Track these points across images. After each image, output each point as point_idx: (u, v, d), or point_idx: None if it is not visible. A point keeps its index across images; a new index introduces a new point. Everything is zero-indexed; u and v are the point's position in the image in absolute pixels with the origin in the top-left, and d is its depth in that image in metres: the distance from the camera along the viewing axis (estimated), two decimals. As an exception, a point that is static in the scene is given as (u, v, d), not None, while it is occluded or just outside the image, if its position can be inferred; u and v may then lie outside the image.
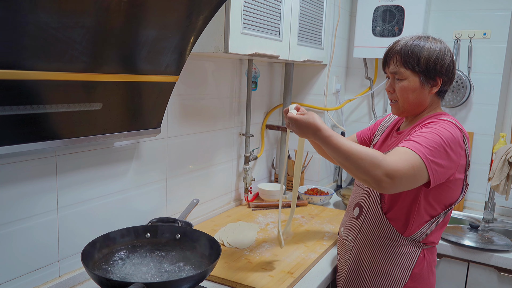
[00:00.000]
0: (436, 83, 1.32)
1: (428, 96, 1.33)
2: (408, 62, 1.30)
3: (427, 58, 1.29)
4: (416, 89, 1.32)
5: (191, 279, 1.12)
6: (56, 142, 1.13)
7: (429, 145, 1.17)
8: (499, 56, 2.34)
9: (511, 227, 2.27)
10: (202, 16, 1.25)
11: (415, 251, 1.34)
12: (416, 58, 1.29)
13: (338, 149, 1.15)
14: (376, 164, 1.09)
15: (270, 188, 2.27)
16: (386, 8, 2.42)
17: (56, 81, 1.03)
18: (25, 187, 1.18)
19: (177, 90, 1.66)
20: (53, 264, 1.28)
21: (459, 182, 1.31)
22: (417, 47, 1.30)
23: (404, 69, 1.32)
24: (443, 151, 1.18)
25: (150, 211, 1.64)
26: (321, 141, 1.20)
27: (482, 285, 1.92)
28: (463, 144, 1.25)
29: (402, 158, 1.13)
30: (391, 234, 1.35)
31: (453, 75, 1.34)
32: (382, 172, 1.09)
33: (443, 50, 1.30)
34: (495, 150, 2.34)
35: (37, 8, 0.88)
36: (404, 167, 1.12)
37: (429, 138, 1.19)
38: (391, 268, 1.35)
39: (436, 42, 1.32)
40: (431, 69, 1.29)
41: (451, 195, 1.32)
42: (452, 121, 1.27)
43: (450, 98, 2.42)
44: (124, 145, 1.48)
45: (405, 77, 1.32)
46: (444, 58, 1.30)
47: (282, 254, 1.59)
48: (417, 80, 1.31)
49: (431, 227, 1.33)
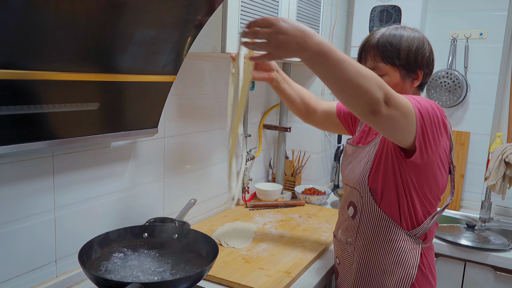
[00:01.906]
0: (417, 76, 1.26)
1: (410, 90, 1.28)
2: (387, 56, 1.23)
3: (407, 51, 1.22)
4: (397, 84, 1.25)
5: (188, 279, 1.12)
6: (53, 142, 1.12)
7: (422, 103, 1.10)
8: (495, 56, 2.35)
9: (507, 226, 2.28)
10: (200, 16, 1.25)
11: (416, 248, 1.28)
12: (396, 51, 1.22)
13: (347, 65, 0.92)
14: (381, 85, 0.96)
15: (267, 188, 2.27)
16: (383, 8, 2.42)
17: (52, 81, 1.03)
18: (22, 187, 1.17)
19: (175, 90, 1.66)
20: (50, 264, 1.28)
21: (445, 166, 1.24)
22: (395, 39, 1.22)
23: (383, 64, 1.24)
24: (432, 119, 1.11)
25: (147, 211, 1.63)
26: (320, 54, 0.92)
27: (478, 284, 1.93)
28: (446, 122, 1.18)
29: (399, 95, 1.03)
30: (390, 228, 1.27)
31: (433, 66, 1.29)
32: (383, 93, 0.96)
33: (421, 40, 1.24)
34: (491, 150, 2.34)
35: (34, 8, 0.87)
36: (401, 100, 1.02)
37: (420, 99, 1.12)
38: (397, 266, 1.28)
39: (413, 32, 1.26)
40: (412, 62, 1.23)
41: (440, 176, 1.24)
42: (435, 103, 1.19)
43: (446, 98, 2.43)
44: (121, 145, 1.48)
45: (385, 73, 1.24)
46: (424, 48, 1.24)
47: (280, 253, 1.59)
48: (398, 74, 1.24)
49: (432, 222, 1.27)
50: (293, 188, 2.43)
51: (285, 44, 0.91)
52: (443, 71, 2.44)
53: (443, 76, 2.43)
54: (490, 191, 2.24)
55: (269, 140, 2.50)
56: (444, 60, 2.47)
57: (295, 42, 0.91)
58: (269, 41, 0.93)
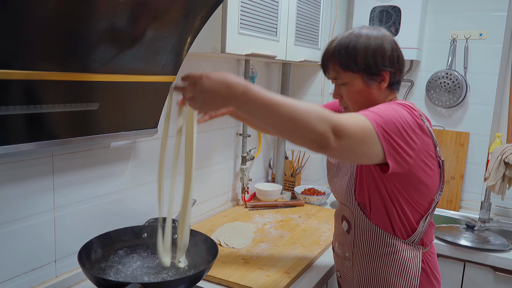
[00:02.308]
0: (383, 78, 1.19)
1: (379, 93, 1.21)
2: (346, 64, 1.18)
3: (364, 54, 1.16)
4: (363, 90, 1.20)
5: (188, 279, 1.12)
6: (52, 142, 1.12)
7: (384, 115, 1.04)
8: (495, 57, 2.35)
9: (507, 227, 2.29)
10: (199, 16, 1.25)
11: (417, 255, 1.24)
12: (352, 57, 1.17)
13: (277, 108, 0.91)
14: (324, 118, 0.93)
15: (267, 188, 2.27)
16: (382, 9, 2.42)
17: (52, 81, 1.03)
18: (21, 187, 1.17)
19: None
20: (49, 264, 1.28)
21: (434, 163, 1.19)
22: (351, 45, 1.17)
23: (344, 72, 1.20)
24: (399, 128, 1.06)
25: (147, 211, 1.63)
26: (247, 102, 0.92)
27: (478, 285, 1.93)
28: (421, 121, 1.12)
29: (351, 119, 0.99)
30: (385, 240, 1.24)
31: (400, 64, 1.22)
32: (329, 126, 0.93)
33: (380, 40, 1.17)
34: (491, 150, 2.35)
35: (34, 8, 0.87)
36: (352, 126, 0.97)
37: (383, 109, 1.07)
38: (398, 279, 1.24)
39: (372, 31, 1.20)
40: (372, 64, 1.17)
41: (427, 178, 1.19)
42: (408, 104, 1.15)
43: (446, 98, 2.43)
44: (121, 145, 1.48)
45: (347, 81, 1.20)
46: (383, 48, 1.17)
47: (279, 254, 1.59)
48: (360, 80, 1.19)
49: (425, 224, 1.24)
50: (292, 189, 2.43)
51: (210, 100, 0.93)
52: (443, 72, 2.44)
53: (443, 77, 2.44)
54: (490, 192, 2.24)
55: (268, 141, 2.50)
56: (444, 61, 2.48)
57: (220, 96, 0.92)
58: (195, 97, 0.95)
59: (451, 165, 2.48)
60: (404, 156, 1.08)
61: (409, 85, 2.59)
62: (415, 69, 2.58)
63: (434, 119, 2.55)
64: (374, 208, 1.24)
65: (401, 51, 1.23)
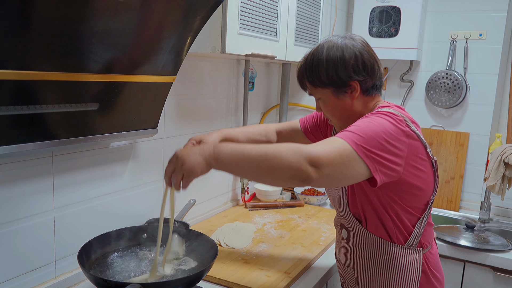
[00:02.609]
0: (353, 87, 1.18)
1: (354, 102, 1.20)
2: (312, 82, 1.21)
3: (326, 70, 1.17)
4: (335, 102, 1.21)
5: (187, 280, 1.12)
6: (52, 142, 1.12)
7: (362, 132, 1.04)
8: (495, 57, 2.35)
9: (506, 227, 2.29)
10: (199, 17, 1.25)
11: (417, 259, 1.23)
12: (316, 75, 1.19)
13: (248, 154, 0.98)
14: (296, 152, 0.96)
15: (267, 188, 2.27)
16: (382, 9, 2.42)
17: (52, 81, 1.03)
18: (21, 188, 1.17)
19: (174, 90, 1.66)
20: (49, 265, 1.28)
21: (426, 165, 1.17)
22: (315, 62, 1.19)
23: (315, 89, 1.22)
24: (381, 141, 1.04)
25: (147, 212, 1.63)
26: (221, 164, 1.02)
27: (478, 285, 1.93)
28: (405, 127, 1.10)
29: (327, 145, 1.00)
30: (384, 248, 1.24)
31: (370, 69, 1.18)
32: (305, 159, 0.95)
33: (340, 51, 1.16)
34: (491, 151, 2.34)
35: (34, 8, 0.87)
36: (329, 153, 0.98)
37: (362, 125, 1.06)
38: (399, 284, 1.23)
39: (336, 41, 1.19)
40: (336, 78, 1.17)
41: (421, 181, 1.17)
42: (391, 111, 1.13)
43: (446, 98, 2.44)
44: (120, 145, 1.48)
45: (320, 96, 1.23)
46: (344, 60, 1.16)
47: (279, 254, 1.59)
48: (330, 94, 1.20)
49: (421, 226, 1.23)
50: (292, 189, 2.43)
51: (192, 172, 1.02)
52: (443, 72, 2.44)
53: (443, 77, 2.44)
54: (490, 192, 2.24)
55: (268, 141, 2.50)
56: (444, 61, 2.48)
57: (199, 169, 1.02)
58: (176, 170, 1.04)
59: (450, 165, 2.48)
60: (391, 166, 1.07)
61: (409, 85, 2.59)
62: (415, 70, 2.58)
63: (434, 119, 2.55)
64: (369, 219, 1.24)
65: (370, 54, 1.19)
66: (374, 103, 1.23)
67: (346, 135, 1.04)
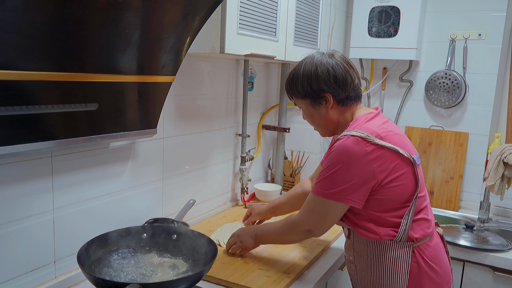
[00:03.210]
0: (327, 99, 1.33)
1: (329, 112, 1.36)
2: (292, 93, 1.39)
3: (302, 84, 1.34)
4: (313, 112, 1.38)
5: (187, 280, 1.12)
6: (52, 142, 1.12)
7: (325, 178, 1.26)
8: (494, 57, 2.35)
9: (506, 227, 2.29)
10: (198, 17, 1.25)
11: (407, 252, 1.29)
12: (295, 88, 1.37)
13: (272, 242, 1.52)
14: (292, 231, 1.38)
15: (266, 188, 2.27)
16: (382, 9, 2.42)
17: (52, 81, 1.03)
18: (21, 188, 1.17)
19: (174, 90, 1.66)
20: (49, 265, 1.28)
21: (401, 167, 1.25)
22: (294, 76, 1.36)
23: (296, 99, 1.40)
24: (341, 175, 1.23)
25: (146, 212, 1.63)
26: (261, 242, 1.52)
27: (477, 285, 1.93)
28: (369, 146, 1.21)
29: (304, 209, 1.33)
30: (375, 246, 1.31)
31: (342, 83, 1.31)
32: (301, 232, 1.35)
33: (315, 67, 1.32)
34: (490, 150, 2.35)
35: (32, 8, 0.87)
36: (307, 216, 1.31)
37: (325, 171, 1.26)
38: (390, 277, 1.30)
39: (314, 58, 1.34)
40: (310, 91, 1.33)
41: (405, 184, 1.26)
42: (352, 134, 1.23)
43: (445, 98, 2.44)
44: (120, 146, 1.48)
45: (301, 106, 1.41)
46: (317, 75, 1.31)
47: (279, 254, 1.59)
48: (308, 104, 1.37)
49: (407, 223, 1.28)
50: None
51: (246, 248, 1.53)
52: (442, 72, 2.44)
53: (442, 77, 2.44)
54: (489, 192, 2.24)
55: (268, 141, 2.50)
56: (443, 61, 2.48)
57: (251, 246, 1.53)
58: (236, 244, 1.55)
59: (450, 165, 2.49)
60: (366, 189, 1.24)
61: (408, 85, 2.59)
62: (414, 70, 2.58)
63: (433, 119, 2.55)
64: (354, 225, 1.34)
65: (344, 69, 1.32)
66: (351, 112, 1.37)
67: (316, 189, 1.29)
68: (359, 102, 1.39)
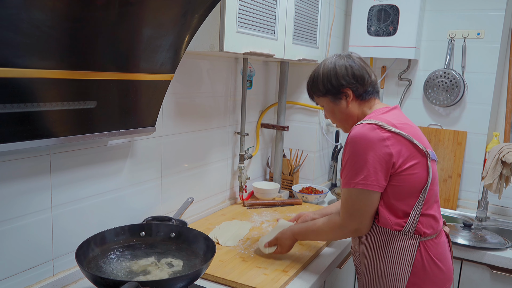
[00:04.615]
0: (347, 94, 1.41)
1: (349, 107, 1.43)
2: (314, 92, 1.48)
3: (322, 82, 1.43)
4: (334, 108, 1.46)
5: (185, 278, 1.12)
6: (50, 140, 1.12)
7: (348, 169, 1.31)
8: (492, 56, 2.36)
9: (504, 225, 2.29)
10: (197, 15, 1.25)
11: (413, 244, 1.32)
12: (316, 86, 1.46)
13: (312, 237, 1.55)
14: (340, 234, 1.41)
15: (265, 186, 2.27)
16: (381, 8, 2.42)
17: (50, 79, 1.03)
18: (19, 186, 1.17)
19: (172, 88, 1.66)
20: (47, 263, 1.28)
21: (415, 158, 1.30)
22: (315, 77, 1.46)
23: (317, 98, 1.49)
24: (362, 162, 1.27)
25: (144, 210, 1.63)
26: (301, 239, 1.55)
27: (475, 283, 1.93)
28: (383, 134, 1.27)
29: (343, 209, 1.35)
30: (382, 234, 1.35)
31: (360, 78, 1.40)
32: (349, 233, 1.38)
33: (333, 66, 1.42)
34: (488, 149, 2.35)
35: (30, 6, 0.87)
36: (350, 217, 1.34)
37: (347, 162, 1.31)
38: (393, 266, 1.34)
39: (333, 59, 1.43)
40: (330, 87, 1.42)
41: (416, 174, 1.30)
42: (367, 122, 1.30)
43: (444, 97, 2.44)
44: (118, 144, 1.48)
45: (322, 104, 1.49)
46: (336, 72, 1.41)
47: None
48: (328, 101, 1.45)
49: (416, 215, 1.31)
50: (290, 187, 2.43)
51: (284, 249, 1.55)
52: (441, 71, 2.44)
53: (441, 76, 2.44)
54: (487, 190, 2.25)
55: (266, 139, 2.50)
56: (442, 60, 2.48)
57: (290, 248, 1.56)
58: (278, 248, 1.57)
59: (448, 164, 2.49)
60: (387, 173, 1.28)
61: (407, 84, 2.60)
62: (413, 68, 2.58)
63: (432, 118, 2.56)
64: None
65: (360, 66, 1.42)
66: (369, 106, 1.44)
67: (347, 183, 1.32)
68: (377, 97, 1.47)
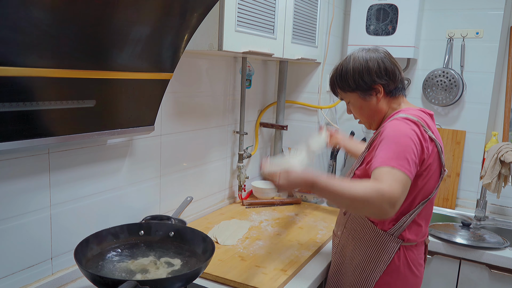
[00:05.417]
0: (377, 90, 1.38)
1: (378, 103, 1.39)
2: (342, 87, 1.42)
3: (353, 77, 1.38)
4: (363, 104, 1.41)
5: (184, 277, 1.12)
6: (49, 139, 1.12)
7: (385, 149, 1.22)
8: (491, 55, 2.36)
9: (502, 225, 2.30)
10: (196, 14, 1.25)
11: (393, 247, 1.36)
12: (345, 81, 1.40)
13: (341, 196, 1.15)
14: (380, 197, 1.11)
15: (264, 186, 2.27)
16: (380, 7, 2.42)
17: (49, 78, 1.02)
18: (18, 185, 1.17)
19: (171, 87, 1.66)
20: (45, 262, 1.28)
21: (433, 169, 1.32)
22: (344, 71, 1.40)
23: (344, 93, 1.44)
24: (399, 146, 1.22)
25: (143, 209, 1.63)
26: (317, 191, 1.19)
27: (473, 282, 1.94)
28: (416, 128, 1.26)
29: (391, 179, 1.15)
30: (370, 230, 1.39)
31: (392, 74, 1.37)
32: (387, 203, 1.11)
33: (365, 61, 1.37)
34: (487, 149, 2.36)
35: (29, 4, 0.87)
36: (397, 187, 1.14)
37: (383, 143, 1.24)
38: (368, 261, 1.39)
39: (361, 54, 1.38)
40: (362, 83, 1.37)
41: (427, 184, 1.33)
42: (403, 117, 1.29)
43: (443, 96, 2.44)
44: (117, 143, 1.48)
45: (349, 100, 1.44)
46: (368, 66, 1.36)
47: (276, 251, 1.59)
48: (357, 97, 1.40)
49: (407, 221, 1.35)
50: (289, 186, 2.43)
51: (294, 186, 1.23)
52: (440, 70, 2.44)
53: (439, 75, 2.44)
54: (486, 190, 2.25)
55: (265, 138, 2.50)
56: (441, 59, 2.48)
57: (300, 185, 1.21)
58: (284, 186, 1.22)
59: (447, 163, 2.49)
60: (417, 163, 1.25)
61: (406, 83, 2.59)
62: (412, 68, 2.58)
63: (431, 117, 2.56)
64: None
65: (391, 62, 1.38)
66: (398, 103, 1.42)
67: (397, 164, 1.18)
68: (405, 94, 1.45)
